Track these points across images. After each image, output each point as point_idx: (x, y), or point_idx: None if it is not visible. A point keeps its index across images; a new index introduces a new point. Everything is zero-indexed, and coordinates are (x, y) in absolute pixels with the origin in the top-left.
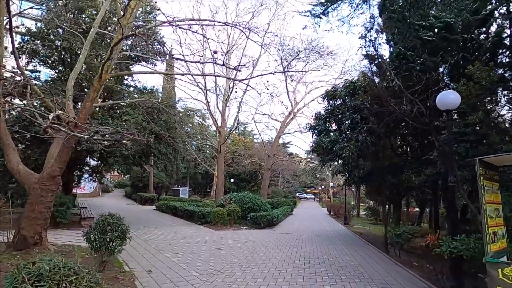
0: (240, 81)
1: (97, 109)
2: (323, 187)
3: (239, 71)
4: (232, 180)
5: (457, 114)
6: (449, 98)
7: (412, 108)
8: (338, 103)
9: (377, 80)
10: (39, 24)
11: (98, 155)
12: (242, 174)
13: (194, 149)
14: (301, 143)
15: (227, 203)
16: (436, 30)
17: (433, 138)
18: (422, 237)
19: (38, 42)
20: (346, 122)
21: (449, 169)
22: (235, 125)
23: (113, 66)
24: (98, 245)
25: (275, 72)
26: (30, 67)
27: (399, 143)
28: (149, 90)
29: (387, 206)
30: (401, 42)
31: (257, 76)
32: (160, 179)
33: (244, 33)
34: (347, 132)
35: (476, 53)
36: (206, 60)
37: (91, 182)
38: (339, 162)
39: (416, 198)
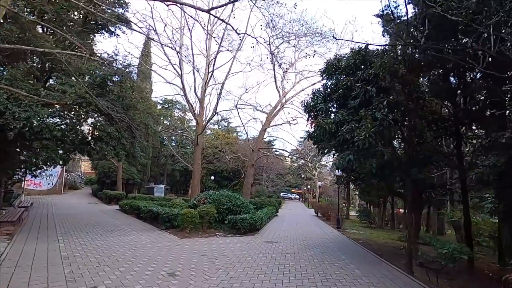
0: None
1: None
2: (309, 186)
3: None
4: (212, 177)
5: None
6: None
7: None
8: (342, 77)
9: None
10: None
11: (13, 136)
12: (224, 171)
13: (174, 144)
14: (289, 137)
15: (200, 203)
16: None
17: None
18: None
19: None
20: (357, 99)
21: None
22: (215, 109)
23: None
24: None
25: None
26: None
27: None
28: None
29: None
30: None
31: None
32: (130, 175)
33: None
34: (360, 110)
35: None
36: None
37: (50, 177)
38: (349, 148)
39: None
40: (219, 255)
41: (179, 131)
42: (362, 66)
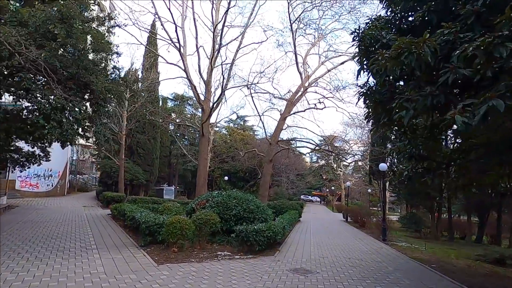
0: None
1: None
2: (333, 188)
3: None
4: (226, 178)
5: None
6: None
7: None
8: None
9: None
10: None
11: None
12: (240, 171)
13: (186, 143)
14: (313, 127)
15: (199, 208)
16: None
17: None
18: None
19: None
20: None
21: None
22: (223, 88)
23: None
24: None
25: None
26: None
27: None
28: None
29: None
30: None
31: None
32: (134, 175)
33: None
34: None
35: None
36: None
37: (50, 178)
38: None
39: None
40: None
41: (190, 124)
42: None
